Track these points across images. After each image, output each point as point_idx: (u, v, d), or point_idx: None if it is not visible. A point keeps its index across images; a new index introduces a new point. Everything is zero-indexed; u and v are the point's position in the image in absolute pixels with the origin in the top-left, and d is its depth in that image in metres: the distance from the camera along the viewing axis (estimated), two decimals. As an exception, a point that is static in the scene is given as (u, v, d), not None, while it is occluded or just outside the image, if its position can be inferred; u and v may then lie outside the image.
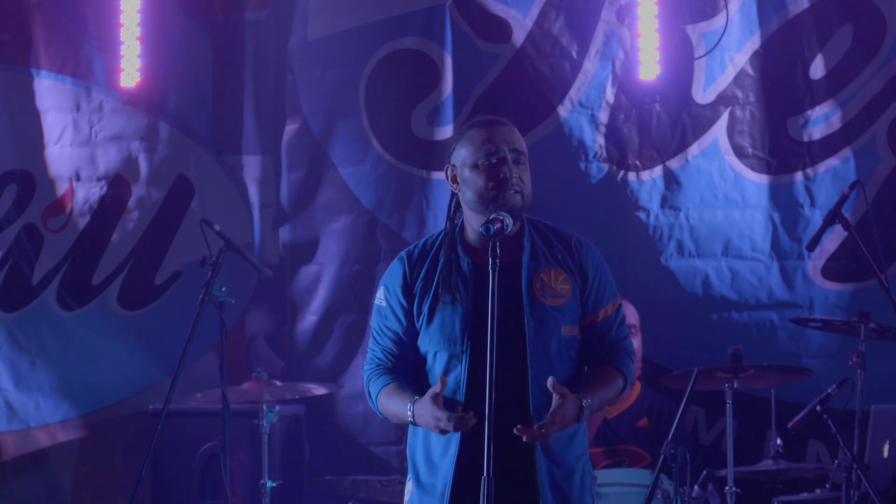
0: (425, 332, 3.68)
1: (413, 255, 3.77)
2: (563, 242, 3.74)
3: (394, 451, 6.95)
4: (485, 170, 3.66)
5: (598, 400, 3.64)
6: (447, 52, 7.00)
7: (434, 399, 3.51)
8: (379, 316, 3.77)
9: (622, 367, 3.73)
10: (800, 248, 6.58)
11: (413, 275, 3.72)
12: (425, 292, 3.69)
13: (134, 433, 7.18)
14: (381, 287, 3.79)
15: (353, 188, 7.12)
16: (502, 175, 3.63)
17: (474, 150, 3.67)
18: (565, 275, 3.68)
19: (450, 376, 3.62)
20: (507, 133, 3.69)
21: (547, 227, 3.77)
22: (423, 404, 3.54)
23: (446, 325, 3.64)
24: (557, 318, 3.64)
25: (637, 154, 6.80)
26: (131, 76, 7.31)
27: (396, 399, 3.65)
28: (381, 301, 3.77)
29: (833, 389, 5.32)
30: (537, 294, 3.64)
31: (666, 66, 6.76)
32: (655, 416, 5.97)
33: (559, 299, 3.66)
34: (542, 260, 3.68)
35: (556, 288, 3.66)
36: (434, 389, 3.53)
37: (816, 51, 6.64)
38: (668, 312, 6.63)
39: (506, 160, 3.64)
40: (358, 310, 7.09)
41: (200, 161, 7.37)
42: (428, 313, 3.66)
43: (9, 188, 7.43)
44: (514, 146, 3.67)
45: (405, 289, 3.72)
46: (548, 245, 3.72)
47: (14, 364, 7.35)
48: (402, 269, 3.75)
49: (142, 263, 7.36)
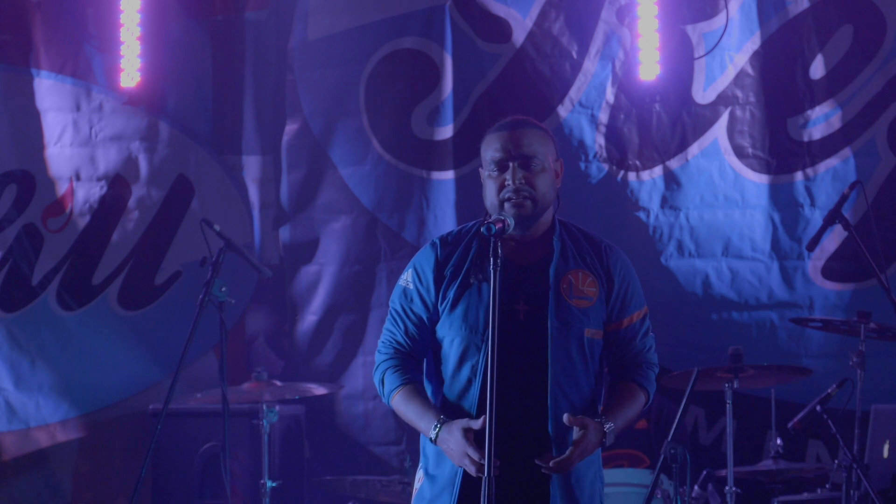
0: (447, 316, 3.66)
1: (447, 240, 3.76)
2: (593, 246, 3.74)
3: (394, 451, 6.95)
4: (493, 179, 3.67)
5: (622, 421, 3.64)
6: (447, 52, 7.00)
7: (466, 433, 3.48)
8: (404, 297, 3.74)
9: (645, 383, 3.72)
10: (800, 248, 6.58)
11: (445, 258, 3.71)
12: (454, 277, 3.67)
13: (134, 433, 7.18)
14: (410, 269, 3.76)
15: (353, 188, 7.13)
16: (505, 184, 3.64)
17: (487, 159, 3.69)
18: (593, 278, 3.68)
19: (465, 365, 3.60)
20: (517, 138, 3.66)
21: (578, 230, 3.78)
22: (454, 433, 3.50)
23: (470, 313, 3.62)
24: (582, 319, 3.64)
25: (637, 154, 6.80)
26: (131, 76, 7.31)
27: (416, 407, 3.63)
28: (408, 283, 3.74)
29: (833, 389, 5.32)
30: (564, 294, 3.63)
31: (666, 66, 6.77)
32: (654, 417, 5.97)
33: (585, 301, 3.66)
34: (571, 261, 3.69)
35: (583, 290, 3.66)
36: (470, 422, 3.49)
37: (816, 51, 6.64)
38: (668, 312, 6.63)
39: (507, 167, 3.64)
40: (358, 310, 7.09)
41: (200, 161, 7.37)
42: (453, 298, 3.65)
43: (9, 188, 7.43)
44: (521, 151, 3.65)
45: (436, 271, 3.70)
46: (578, 247, 3.72)
47: (14, 364, 7.34)
48: (435, 252, 3.73)
49: (142, 263, 7.36)
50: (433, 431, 3.55)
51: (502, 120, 3.75)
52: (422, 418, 3.60)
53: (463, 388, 3.61)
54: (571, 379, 3.60)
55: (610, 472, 5.49)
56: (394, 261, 7.00)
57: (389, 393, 3.69)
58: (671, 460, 4.75)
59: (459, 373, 3.62)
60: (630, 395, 3.69)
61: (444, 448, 3.54)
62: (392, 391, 3.68)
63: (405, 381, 3.67)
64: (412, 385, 3.66)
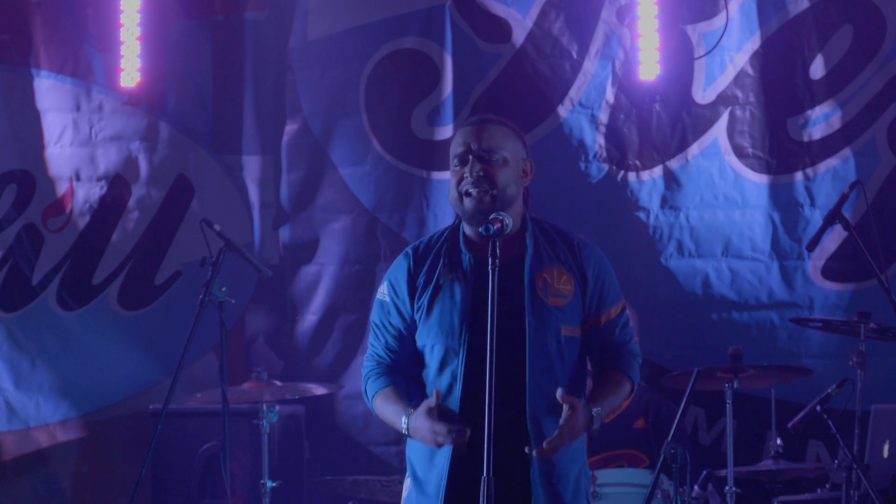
0: (424, 324, 3.66)
1: (418, 249, 3.77)
2: (566, 243, 3.72)
3: (394, 451, 6.95)
4: (454, 173, 3.69)
5: (608, 407, 3.64)
6: (447, 52, 7.00)
7: (429, 412, 3.51)
8: (381, 311, 3.76)
9: (628, 371, 3.72)
10: (800, 248, 6.58)
11: (417, 268, 3.72)
12: (427, 285, 3.68)
13: (134, 433, 7.18)
14: (385, 282, 3.78)
15: (353, 188, 7.12)
16: (464, 177, 3.64)
17: (451, 154, 3.70)
18: (568, 275, 3.66)
19: (446, 371, 3.61)
20: (478, 132, 3.67)
21: (552, 227, 3.76)
22: (418, 418, 3.54)
23: (445, 318, 3.62)
24: (558, 317, 3.62)
25: (637, 154, 6.80)
26: (131, 76, 7.31)
27: (392, 406, 3.66)
28: (385, 296, 3.76)
29: (833, 389, 5.32)
30: (539, 293, 3.62)
31: (666, 66, 6.76)
32: (652, 417, 5.96)
33: (561, 299, 3.65)
34: (545, 259, 3.67)
35: (558, 288, 3.65)
36: (429, 403, 3.52)
37: (816, 51, 6.64)
38: (668, 312, 6.63)
39: (467, 160, 3.64)
40: (358, 310, 7.09)
41: (200, 161, 7.37)
42: (427, 305, 3.65)
43: (9, 188, 7.43)
44: (481, 144, 3.64)
45: (409, 282, 3.71)
46: (551, 245, 3.70)
47: (14, 364, 7.34)
48: (407, 263, 3.74)
49: (142, 263, 7.35)
50: (404, 426, 3.59)
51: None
52: (397, 416, 3.63)
53: (445, 392, 3.60)
54: (549, 376, 3.58)
55: (609, 472, 5.49)
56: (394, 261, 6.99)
57: (371, 399, 3.73)
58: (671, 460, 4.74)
59: (440, 379, 3.62)
60: (614, 383, 3.69)
61: (418, 437, 3.57)
62: (373, 397, 3.72)
63: (383, 385, 3.71)
64: (389, 388, 3.69)
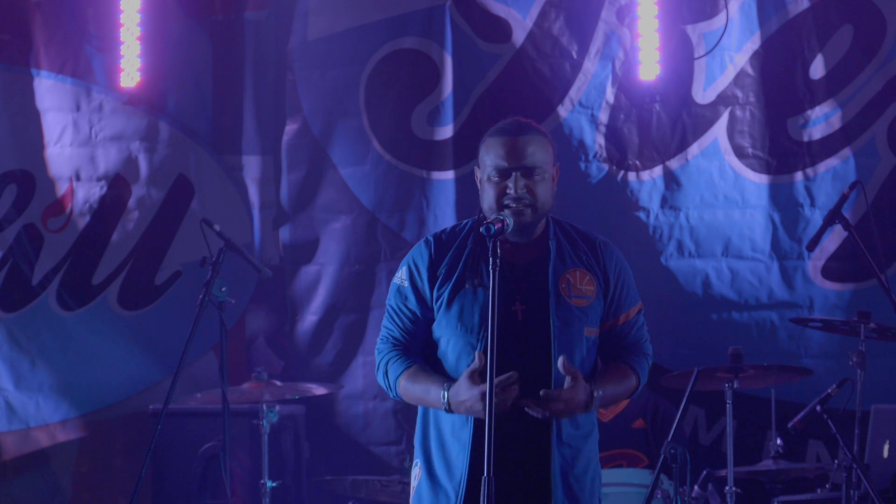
0: (443, 316, 3.67)
1: (441, 238, 3.76)
2: (588, 244, 3.75)
3: (394, 451, 6.95)
4: (493, 184, 3.66)
5: (610, 393, 3.65)
6: (447, 52, 7.00)
7: (471, 377, 3.48)
8: (398, 296, 3.75)
9: (637, 367, 3.74)
10: (800, 248, 6.58)
11: (439, 257, 3.71)
12: (448, 277, 3.68)
13: (134, 433, 7.18)
14: (404, 266, 3.76)
15: (353, 188, 7.13)
16: (507, 191, 3.63)
17: (489, 164, 3.67)
18: (590, 276, 3.69)
19: (462, 365, 3.61)
20: (521, 146, 3.65)
21: (572, 227, 3.79)
22: (461, 390, 3.50)
23: (465, 314, 3.63)
24: (582, 318, 3.65)
25: (637, 154, 6.80)
26: (131, 76, 7.32)
27: (422, 383, 3.63)
28: (403, 281, 3.75)
29: (833, 389, 5.32)
30: (563, 294, 3.64)
31: (666, 66, 6.77)
32: (651, 417, 5.96)
33: (584, 300, 3.67)
34: (568, 260, 3.70)
35: (581, 289, 3.67)
36: (473, 367, 3.50)
37: (816, 51, 6.64)
38: (668, 312, 6.63)
39: (510, 175, 3.64)
40: (358, 310, 7.10)
41: (200, 161, 7.37)
42: (448, 298, 3.66)
43: (9, 188, 7.43)
44: (525, 161, 3.64)
45: (430, 270, 3.71)
46: (573, 246, 3.73)
47: (14, 364, 7.35)
48: (429, 250, 3.73)
49: (142, 263, 7.36)
50: (443, 400, 3.55)
51: (504, 122, 3.74)
52: (429, 393, 3.60)
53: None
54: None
55: (609, 472, 5.49)
56: (394, 261, 6.99)
57: (395, 381, 3.69)
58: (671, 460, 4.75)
59: (457, 373, 3.61)
60: (621, 374, 3.72)
61: (462, 410, 3.52)
62: (397, 378, 3.68)
63: (407, 364, 3.68)
64: (415, 366, 3.67)
